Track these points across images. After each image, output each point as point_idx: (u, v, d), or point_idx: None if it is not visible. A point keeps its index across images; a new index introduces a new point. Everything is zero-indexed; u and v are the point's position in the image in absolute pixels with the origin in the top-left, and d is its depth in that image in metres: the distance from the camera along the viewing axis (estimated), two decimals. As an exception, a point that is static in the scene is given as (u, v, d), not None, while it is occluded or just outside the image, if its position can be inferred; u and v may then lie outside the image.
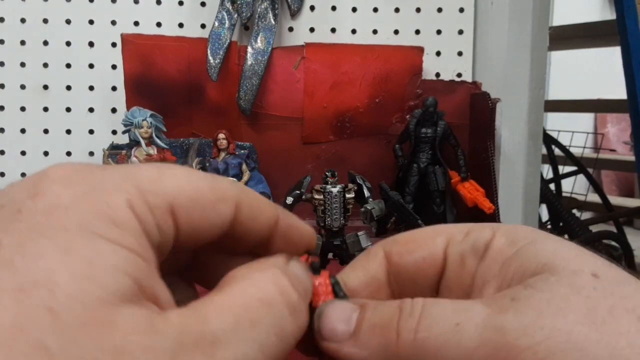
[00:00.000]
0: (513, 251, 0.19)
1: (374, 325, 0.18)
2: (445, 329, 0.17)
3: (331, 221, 0.52)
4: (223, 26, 0.71)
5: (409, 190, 0.68)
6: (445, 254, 0.21)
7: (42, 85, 0.74)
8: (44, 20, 0.73)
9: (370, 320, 0.18)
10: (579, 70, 2.17)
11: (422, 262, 0.21)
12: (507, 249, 0.19)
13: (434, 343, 0.17)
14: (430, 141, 0.68)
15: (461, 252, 0.20)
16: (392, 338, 0.17)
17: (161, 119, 0.67)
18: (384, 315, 0.18)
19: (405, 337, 0.17)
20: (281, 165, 0.74)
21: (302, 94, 0.73)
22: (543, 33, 0.72)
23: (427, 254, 0.21)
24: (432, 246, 0.21)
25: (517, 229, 0.20)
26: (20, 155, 0.75)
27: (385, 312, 0.18)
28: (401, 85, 0.74)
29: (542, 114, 0.74)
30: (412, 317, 0.17)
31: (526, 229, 0.20)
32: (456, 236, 0.21)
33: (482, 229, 0.20)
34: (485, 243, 0.20)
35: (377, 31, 0.76)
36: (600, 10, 2.37)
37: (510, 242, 0.19)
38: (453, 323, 0.17)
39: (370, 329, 0.18)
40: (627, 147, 2.14)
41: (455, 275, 0.21)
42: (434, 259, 0.21)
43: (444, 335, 0.17)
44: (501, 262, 0.19)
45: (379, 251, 0.22)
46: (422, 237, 0.22)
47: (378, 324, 0.18)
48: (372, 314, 0.19)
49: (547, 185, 1.19)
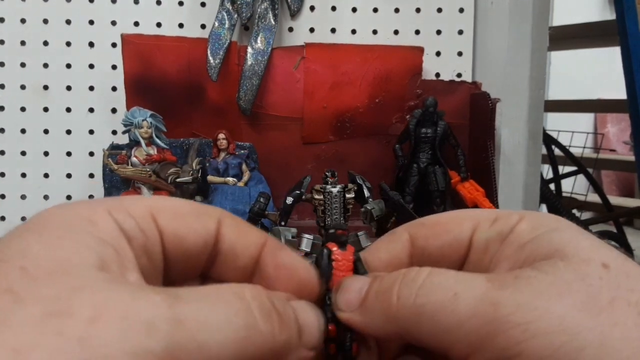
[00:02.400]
0: (532, 236, 0.19)
1: (378, 291, 0.19)
2: (443, 296, 0.17)
3: (331, 221, 0.52)
4: (223, 26, 0.71)
5: (409, 190, 0.68)
6: (471, 240, 0.21)
7: (42, 85, 0.74)
8: (44, 21, 0.73)
9: (375, 288, 0.19)
10: (579, 70, 2.17)
11: (447, 247, 0.21)
12: (527, 234, 0.19)
13: (430, 309, 0.17)
14: (430, 141, 0.68)
15: (487, 239, 0.21)
16: (392, 302, 0.18)
17: (161, 119, 0.67)
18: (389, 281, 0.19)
19: (404, 302, 0.18)
20: (281, 165, 0.74)
21: (302, 94, 0.73)
22: (543, 33, 0.72)
23: (453, 239, 0.21)
24: (459, 232, 0.21)
25: (543, 217, 0.20)
26: (20, 155, 0.75)
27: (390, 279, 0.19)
28: (401, 86, 0.74)
29: (542, 114, 0.74)
30: (414, 283, 0.18)
31: (551, 218, 0.20)
32: (483, 223, 0.21)
33: (510, 215, 0.21)
34: (510, 229, 0.20)
35: (377, 31, 0.76)
36: (600, 11, 2.37)
37: (532, 228, 0.19)
38: (452, 292, 0.17)
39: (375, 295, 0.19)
40: (627, 147, 2.14)
41: (477, 260, 0.21)
42: (460, 244, 0.21)
43: (440, 303, 0.17)
44: (518, 245, 0.19)
45: (404, 233, 0.22)
46: (449, 222, 0.22)
47: (382, 290, 0.19)
48: (380, 283, 0.19)
49: (547, 185, 1.19)
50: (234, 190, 0.66)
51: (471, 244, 0.21)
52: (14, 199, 0.75)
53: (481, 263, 0.20)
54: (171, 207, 0.18)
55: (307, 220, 0.70)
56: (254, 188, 0.68)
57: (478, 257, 0.21)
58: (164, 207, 0.18)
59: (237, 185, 0.67)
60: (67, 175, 0.76)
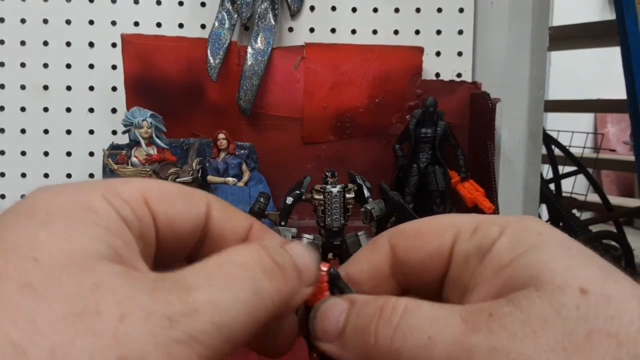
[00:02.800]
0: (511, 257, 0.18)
1: (356, 327, 0.19)
2: (418, 341, 0.17)
3: (331, 221, 0.52)
4: (223, 26, 0.71)
5: (409, 190, 0.68)
6: (451, 251, 0.21)
7: (42, 85, 0.74)
8: (44, 21, 0.73)
9: (353, 322, 0.19)
10: (579, 70, 2.17)
11: (428, 259, 0.21)
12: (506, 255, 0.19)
13: (406, 354, 0.17)
14: (430, 141, 0.68)
15: (466, 251, 0.20)
16: (371, 342, 0.18)
17: (161, 119, 0.67)
18: (366, 317, 0.18)
19: (382, 343, 0.18)
20: (281, 165, 0.74)
21: (302, 94, 0.73)
22: (543, 33, 0.72)
23: (433, 250, 0.21)
24: (439, 242, 0.21)
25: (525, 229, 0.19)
26: (20, 155, 0.75)
27: (367, 315, 0.18)
28: (401, 86, 0.74)
29: (542, 114, 0.74)
30: (390, 324, 0.18)
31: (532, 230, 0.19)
32: (464, 232, 0.21)
33: (491, 225, 0.20)
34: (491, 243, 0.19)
35: (377, 31, 0.76)
36: (600, 11, 2.37)
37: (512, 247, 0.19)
38: (426, 336, 0.17)
39: (353, 330, 0.19)
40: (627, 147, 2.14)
41: (458, 274, 0.21)
42: (440, 256, 0.21)
43: (416, 348, 0.17)
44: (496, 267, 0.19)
45: (385, 243, 0.22)
46: (429, 231, 0.22)
47: (360, 326, 0.18)
48: (356, 315, 0.19)
49: (547, 185, 1.19)
50: (234, 190, 0.66)
51: (451, 256, 0.21)
52: (14, 199, 0.75)
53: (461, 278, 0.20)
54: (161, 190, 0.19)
55: (307, 220, 0.70)
56: (254, 188, 0.68)
57: (458, 271, 0.20)
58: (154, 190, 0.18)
59: (237, 185, 0.68)
60: (67, 175, 0.76)
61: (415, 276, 0.22)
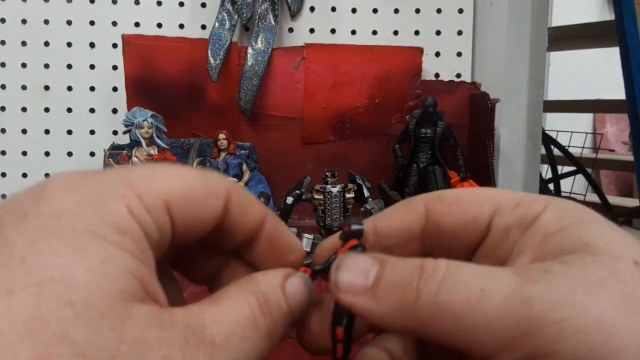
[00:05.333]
0: (558, 227, 0.18)
1: (393, 282, 0.17)
2: (469, 293, 0.16)
3: (331, 221, 0.52)
4: (223, 27, 0.71)
5: (409, 190, 0.68)
6: (489, 223, 0.20)
7: (43, 86, 0.74)
8: (45, 21, 0.73)
9: (389, 277, 0.18)
10: (578, 71, 2.17)
11: (464, 227, 0.20)
12: (553, 225, 0.18)
13: (454, 307, 0.16)
14: (429, 141, 0.68)
15: (507, 223, 0.19)
16: (411, 297, 0.17)
17: (162, 119, 0.67)
18: (405, 273, 0.17)
19: (425, 298, 0.16)
20: (281, 165, 0.75)
21: (302, 95, 0.74)
22: (542, 33, 0.72)
23: (471, 219, 0.20)
24: (478, 213, 0.20)
25: (569, 206, 0.19)
26: (21, 155, 0.75)
27: (406, 270, 0.17)
28: (401, 86, 0.74)
29: (541, 114, 0.74)
30: (434, 278, 0.17)
31: (578, 208, 0.19)
32: (505, 206, 0.20)
33: (533, 202, 0.19)
34: (535, 216, 0.19)
35: (376, 32, 0.76)
36: (599, 11, 2.37)
37: (558, 219, 0.18)
38: (478, 288, 0.16)
39: (390, 285, 0.17)
40: (626, 147, 2.14)
41: (495, 245, 0.20)
42: (477, 226, 0.20)
43: (466, 300, 0.16)
44: (543, 235, 0.18)
45: (420, 205, 0.21)
46: (468, 200, 0.21)
47: (398, 281, 0.17)
48: (392, 271, 0.18)
49: (546, 185, 1.19)
50: (235, 190, 0.66)
51: (490, 227, 0.20)
52: (15, 199, 0.75)
53: (498, 249, 0.20)
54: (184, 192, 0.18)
55: (307, 220, 0.70)
56: (254, 188, 0.68)
57: (496, 242, 0.20)
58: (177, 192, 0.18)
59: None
60: (68, 175, 0.76)
61: (446, 243, 0.21)
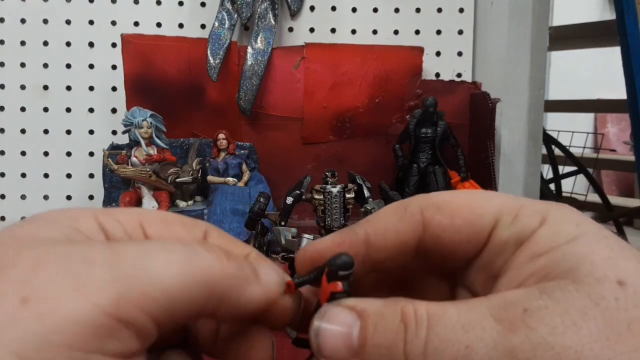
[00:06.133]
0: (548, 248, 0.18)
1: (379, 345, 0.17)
2: (455, 353, 0.16)
3: (331, 221, 0.52)
4: (223, 26, 0.71)
5: (409, 190, 0.68)
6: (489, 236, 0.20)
7: (42, 85, 0.74)
8: (44, 21, 0.73)
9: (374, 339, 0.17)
10: (579, 70, 2.16)
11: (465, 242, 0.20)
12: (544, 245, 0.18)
13: None
14: (430, 141, 0.68)
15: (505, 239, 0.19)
16: None
17: (161, 119, 0.67)
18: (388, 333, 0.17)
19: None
20: (281, 165, 0.74)
21: (302, 94, 0.73)
22: (543, 33, 0.72)
23: (472, 234, 0.20)
24: (479, 226, 0.20)
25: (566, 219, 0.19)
26: (20, 155, 0.75)
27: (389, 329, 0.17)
28: (401, 86, 0.74)
29: (541, 114, 0.74)
30: (419, 339, 0.17)
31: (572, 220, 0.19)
32: (505, 216, 0.20)
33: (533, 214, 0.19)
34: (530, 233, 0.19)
35: (377, 31, 0.76)
36: (600, 10, 2.37)
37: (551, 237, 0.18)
38: (462, 346, 0.16)
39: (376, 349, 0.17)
40: (627, 147, 2.14)
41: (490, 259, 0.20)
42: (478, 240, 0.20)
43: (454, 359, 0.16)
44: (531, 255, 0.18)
45: (417, 214, 0.21)
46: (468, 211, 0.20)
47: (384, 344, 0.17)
48: (376, 331, 0.18)
49: (547, 185, 1.19)
50: (234, 190, 0.66)
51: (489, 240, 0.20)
52: (14, 199, 0.75)
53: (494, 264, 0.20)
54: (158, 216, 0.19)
55: (307, 220, 0.70)
56: (254, 188, 0.68)
57: (491, 256, 0.20)
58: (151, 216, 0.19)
59: (237, 185, 0.68)
60: (67, 175, 0.76)
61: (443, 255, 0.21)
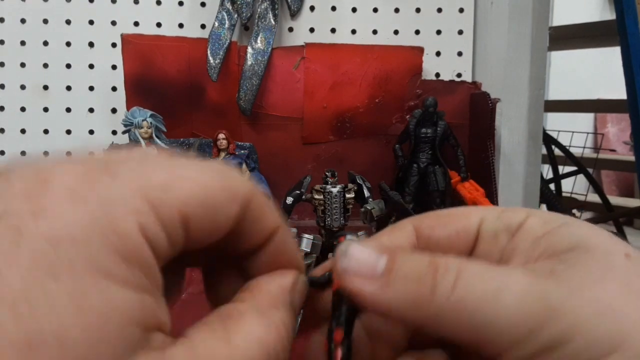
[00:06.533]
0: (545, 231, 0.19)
1: (406, 276, 0.17)
2: (486, 290, 0.16)
3: (331, 221, 0.52)
4: (223, 26, 0.71)
5: (409, 190, 0.68)
6: (478, 230, 0.21)
7: (42, 85, 0.74)
8: (44, 21, 0.73)
9: (402, 270, 0.17)
10: (579, 70, 2.17)
11: (455, 236, 0.21)
12: (540, 228, 0.19)
13: (471, 304, 0.16)
14: (430, 141, 0.68)
15: (495, 229, 0.20)
16: (426, 293, 0.17)
17: (161, 119, 0.67)
18: (418, 268, 0.17)
19: (441, 294, 0.16)
20: (281, 165, 0.74)
21: (302, 94, 0.73)
22: (543, 33, 0.72)
23: (460, 228, 0.21)
24: (466, 222, 0.21)
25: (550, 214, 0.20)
26: (20, 155, 0.75)
27: (418, 265, 0.17)
28: (401, 86, 0.74)
29: (542, 114, 0.74)
30: (449, 275, 0.17)
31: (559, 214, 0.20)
32: (490, 215, 0.21)
33: (516, 211, 0.21)
34: (519, 223, 0.20)
35: (377, 31, 0.76)
36: (600, 10, 2.37)
37: (544, 223, 0.19)
38: (494, 285, 0.16)
39: (402, 278, 0.17)
40: (627, 147, 2.14)
41: (486, 250, 0.20)
42: (468, 233, 0.21)
43: (484, 297, 0.16)
44: (532, 239, 0.19)
45: (407, 224, 0.22)
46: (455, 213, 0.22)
47: (411, 276, 0.17)
48: (404, 264, 0.17)
49: (547, 185, 1.19)
50: (234, 190, 0.66)
51: (479, 234, 0.21)
52: (14, 199, 0.75)
53: (490, 254, 0.20)
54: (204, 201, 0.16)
55: (307, 220, 0.70)
56: (254, 188, 0.68)
57: (486, 247, 0.20)
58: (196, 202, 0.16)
59: (237, 185, 0.67)
60: (67, 175, 0.76)
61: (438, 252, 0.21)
